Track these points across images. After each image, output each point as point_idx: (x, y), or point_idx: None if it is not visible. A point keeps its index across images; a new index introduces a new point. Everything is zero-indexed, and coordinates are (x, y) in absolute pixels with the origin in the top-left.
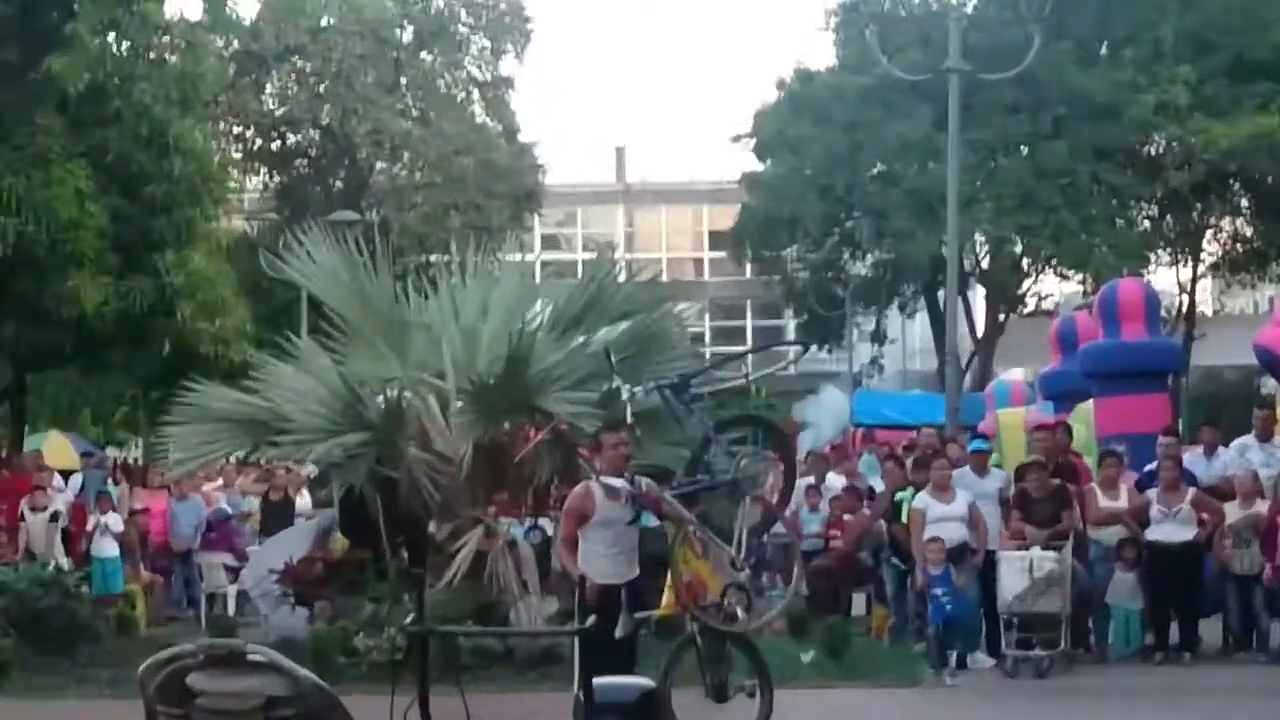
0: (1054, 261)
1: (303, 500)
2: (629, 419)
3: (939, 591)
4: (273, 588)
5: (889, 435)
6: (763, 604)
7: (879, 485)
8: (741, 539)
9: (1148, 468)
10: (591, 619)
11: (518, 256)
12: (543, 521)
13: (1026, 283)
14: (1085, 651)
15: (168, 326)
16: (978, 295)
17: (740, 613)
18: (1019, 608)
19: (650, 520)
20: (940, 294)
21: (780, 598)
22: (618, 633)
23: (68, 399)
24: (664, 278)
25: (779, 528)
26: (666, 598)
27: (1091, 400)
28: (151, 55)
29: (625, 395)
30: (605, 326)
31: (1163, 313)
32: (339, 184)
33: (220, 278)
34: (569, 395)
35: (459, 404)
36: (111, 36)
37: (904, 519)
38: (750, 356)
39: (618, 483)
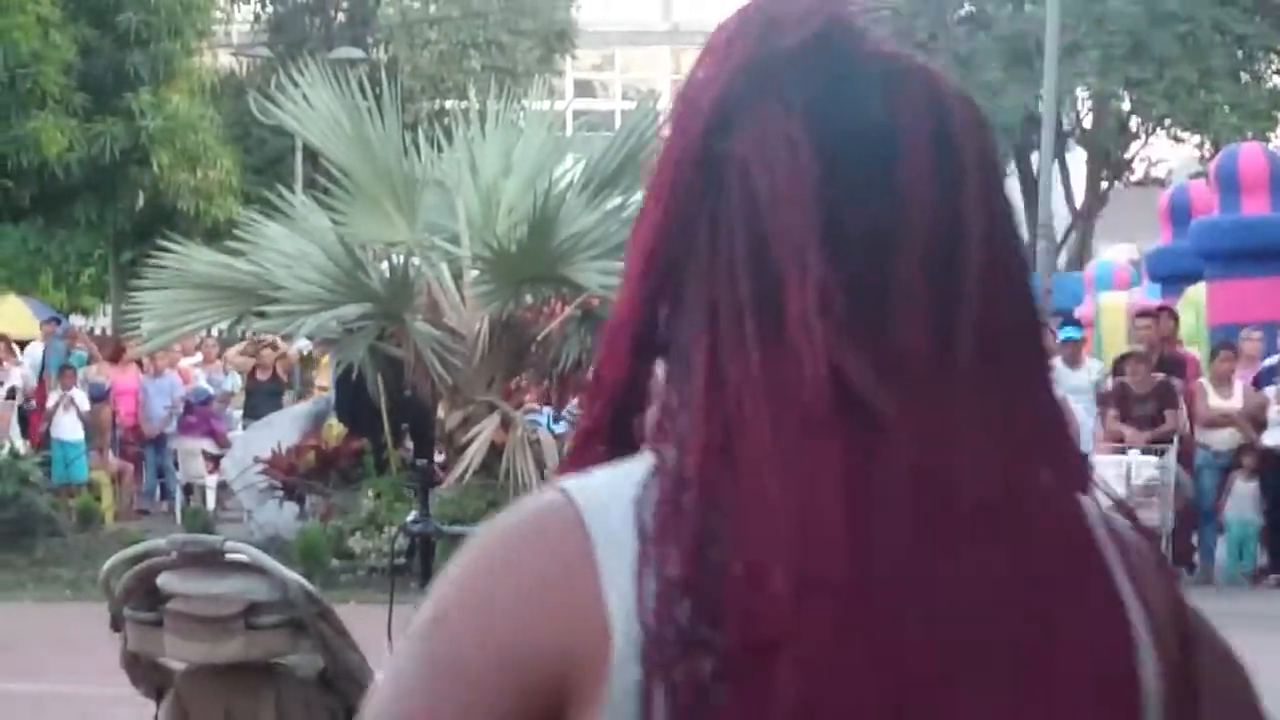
0: (1167, 122)
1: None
2: None
3: None
4: (258, 479)
5: None
6: None
7: None
8: None
9: (1267, 362)
10: None
11: (546, 104)
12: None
13: (1135, 146)
14: (1189, 572)
15: (142, 177)
16: (1077, 159)
17: None
18: None
19: None
20: (1034, 157)
21: None
22: None
23: (26, 259)
24: None
25: None
26: None
27: (1203, 283)
28: None
29: None
30: (645, 187)
31: None
32: (341, 16)
33: (203, 122)
34: (601, 265)
35: (475, 273)
36: None
37: None
38: None
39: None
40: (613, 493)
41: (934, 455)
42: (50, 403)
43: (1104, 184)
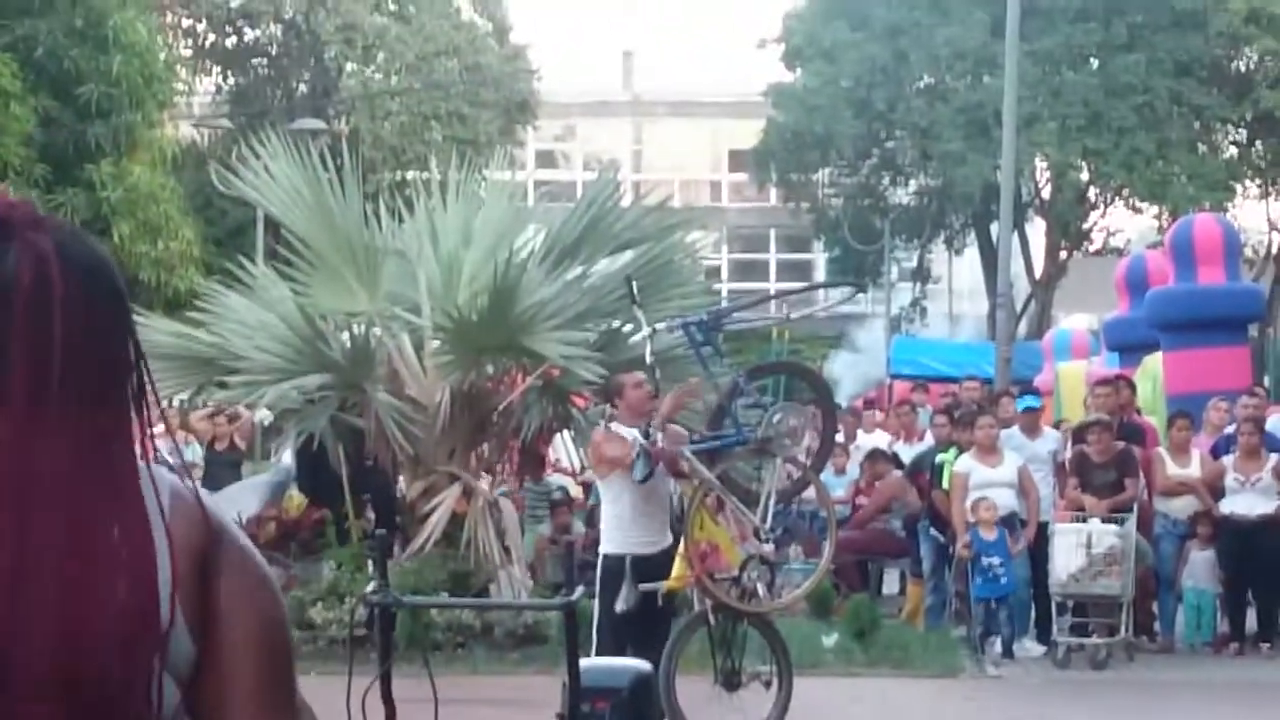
0: (1125, 192)
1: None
2: (649, 359)
3: (995, 560)
4: None
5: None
6: (782, 580)
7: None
8: (768, 505)
9: (1224, 431)
10: (580, 590)
11: (507, 175)
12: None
13: (1093, 216)
14: (1149, 640)
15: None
16: (1036, 229)
17: (761, 590)
18: (1074, 588)
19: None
20: (993, 227)
21: (801, 572)
22: (619, 606)
23: None
24: (675, 202)
25: (807, 493)
26: (678, 568)
27: (1160, 352)
28: None
29: (646, 332)
30: (605, 257)
31: (1248, 253)
32: (303, 87)
33: (164, 193)
34: (562, 335)
35: (436, 343)
36: None
37: (945, 484)
38: (777, 294)
39: (629, 433)
40: None
41: (21, 453)
42: None
43: (1063, 253)
